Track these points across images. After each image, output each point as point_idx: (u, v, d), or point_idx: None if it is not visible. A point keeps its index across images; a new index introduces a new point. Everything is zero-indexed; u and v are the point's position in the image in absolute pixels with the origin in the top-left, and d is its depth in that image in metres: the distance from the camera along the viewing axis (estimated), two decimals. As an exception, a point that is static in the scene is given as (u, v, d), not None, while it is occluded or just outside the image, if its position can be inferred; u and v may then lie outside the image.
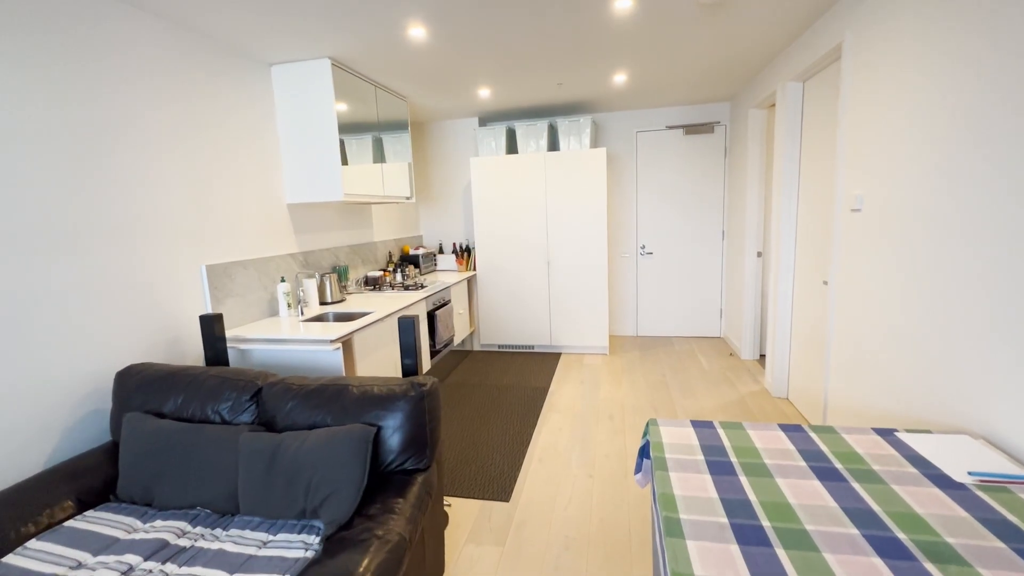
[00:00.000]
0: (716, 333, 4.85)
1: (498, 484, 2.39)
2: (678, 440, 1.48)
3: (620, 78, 3.52)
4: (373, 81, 3.26)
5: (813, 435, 1.47)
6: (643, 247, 4.87)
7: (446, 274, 4.44)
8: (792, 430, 1.51)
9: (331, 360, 2.31)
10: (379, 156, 3.37)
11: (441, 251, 4.90)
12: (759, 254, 3.94)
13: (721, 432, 1.51)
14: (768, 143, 3.86)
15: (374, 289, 3.62)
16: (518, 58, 2.97)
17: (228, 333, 2.40)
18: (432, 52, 2.80)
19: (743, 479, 1.25)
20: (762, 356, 4.13)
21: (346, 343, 2.48)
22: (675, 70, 3.38)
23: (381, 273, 3.82)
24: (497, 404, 3.38)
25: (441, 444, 1.72)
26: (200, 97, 2.36)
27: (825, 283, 2.59)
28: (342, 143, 2.94)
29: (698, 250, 4.75)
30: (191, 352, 2.29)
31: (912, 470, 1.25)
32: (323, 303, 3.11)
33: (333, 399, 1.61)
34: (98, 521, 1.49)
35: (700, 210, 4.69)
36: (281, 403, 1.65)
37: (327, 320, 2.88)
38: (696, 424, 1.57)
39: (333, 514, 1.37)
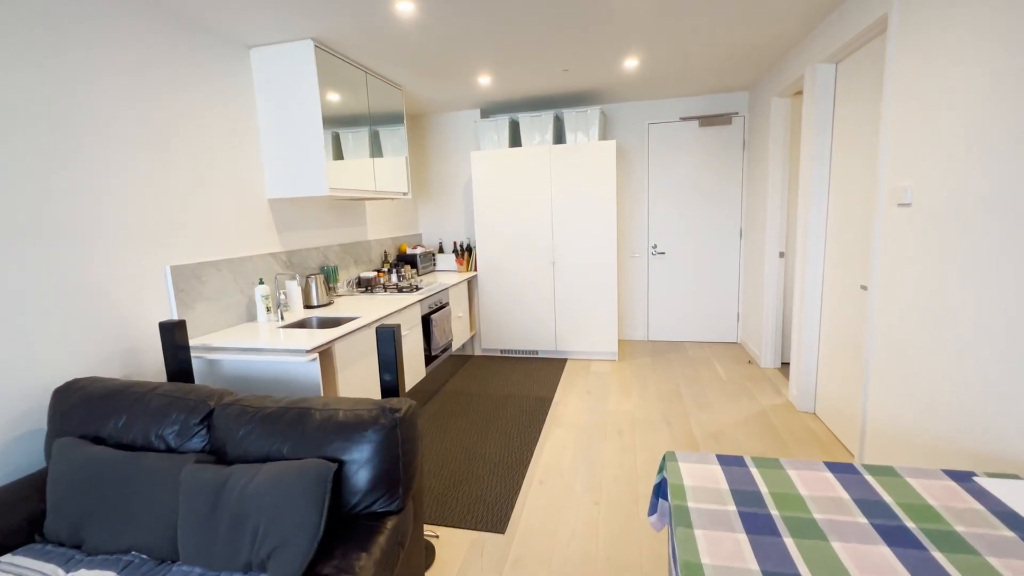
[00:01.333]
0: (733, 338, 4.55)
1: (493, 511, 2.14)
2: (703, 482, 1.21)
3: (631, 63, 3.25)
4: (363, 67, 3.02)
5: (870, 478, 1.20)
6: (654, 247, 4.59)
7: (446, 275, 4.20)
8: (842, 471, 1.24)
9: (306, 372, 2.07)
10: (372, 149, 3.13)
11: (441, 250, 4.66)
12: (781, 254, 3.65)
13: (755, 472, 1.25)
14: (793, 134, 3.56)
15: (366, 291, 3.39)
16: (519, 40, 2.72)
17: (195, 341, 2.17)
18: (424, 32, 2.55)
19: (789, 541, 0.99)
20: (784, 364, 3.83)
21: (326, 352, 2.25)
22: (691, 54, 3.10)
23: (375, 274, 3.59)
24: (497, 416, 3.12)
25: (420, 478, 1.47)
26: (170, 81, 2.13)
27: (863, 288, 2.31)
28: (336, 136, 2.71)
29: (714, 250, 4.46)
30: (151, 364, 2.06)
31: (1008, 533, 0.98)
32: (308, 307, 2.88)
33: (293, 425, 1.37)
34: (14, 569, 1.27)
35: (716, 207, 4.39)
36: (234, 428, 1.41)
37: (310, 326, 2.65)
38: (724, 461, 1.31)
39: (280, 572, 1.13)
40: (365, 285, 3.53)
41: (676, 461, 1.32)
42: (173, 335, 1.93)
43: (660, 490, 1.38)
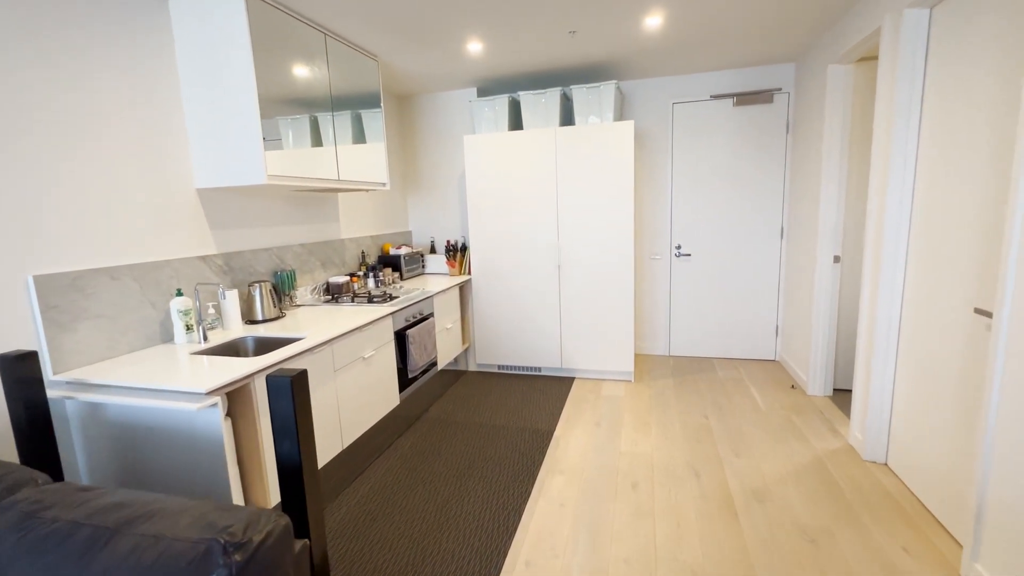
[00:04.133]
0: (770, 356, 3.89)
1: (459, 613, 1.57)
2: None
3: (653, 21, 2.62)
4: (320, 27, 2.46)
5: None
6: (678, 247, 3.95)
7: (435, 278, 3.64)
8: None
9: (205, 425, 1.53)
10: (336, 131, 2.58)
11: (433, 250, 4.11)
12: (836, 259, 2.98)
13: None
14: (856, 110, 2.89)
15: (332, 300, 2.85)
16: (510, -15, 2.13)
17: (69, 375, 1.65)
18: (385, -27, 1.98)
19: None
20: (837, 392, 3.18)
21: (242, 392, 1.70)
22: (728, 8, 2.47)
23: (347, 279, 3.05)
24: (483, 456, 2.56)
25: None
26: (48, 32, 1.61)
27: (981, 313, 1.65)
28: (314, 120, 2.20)
29: (749, 252, 3.80)
30: None
31: None
32: (252, 322, 2.35)
33: (75, 559, 0.82)
34: None
35: (752, 202, 3.73)
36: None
37: (243, 349, 2.12)
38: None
39: None
40: (334, 293, 3.00)
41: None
42: (15, 371, 1.41)
43: None
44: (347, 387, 2.24)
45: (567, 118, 3.71)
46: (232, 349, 2.07)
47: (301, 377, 1.15)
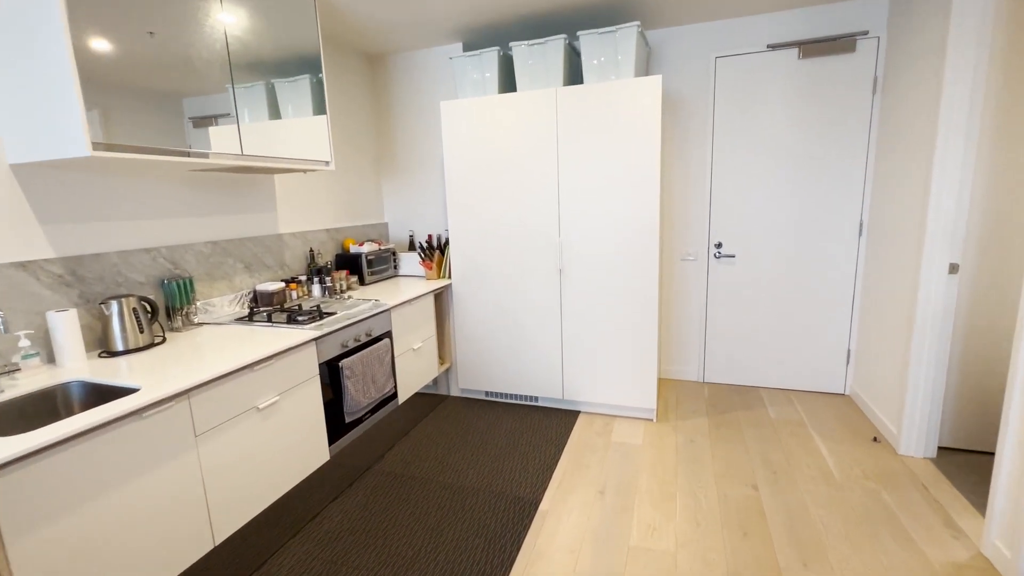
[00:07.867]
0: (838, 388, 3.00)
1: None
2: None
3: (692, -83, 1.77)
4: (208, -65, 1.73)
5: None
6: (718, 246, 3.08)
7: (409, 283, 2.91)
8: None
9: None
10: (232, 84, 1.87)
11: (413, 247, 3.38)
12: (954, 268, 2.08)
13: None
14: (1000, 52, 1.97)
15: (247, 319, 2.15)
16: None
17: None
18: None
19: None
20: (944, 451, 2.29)
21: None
22: None
23: (282, 286, 2.37)
24: (434, 545, 1.82)
25: None
26: None
27: None
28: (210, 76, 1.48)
29: (813, 253, 2.90)
30: None
31: None
32: (109, 352, 1.68)
33: None
34: None
35: (820, 187, 2.83)
36: None
37: (62, 402, 1.44)
38: None
39: None
40: (263, 304, 2.32)
41: None
42: None
43: None
44: (223, 456, 1.54)
45: (574, 77, 2.89)
46: (42, 403, 1.39)
47: None
